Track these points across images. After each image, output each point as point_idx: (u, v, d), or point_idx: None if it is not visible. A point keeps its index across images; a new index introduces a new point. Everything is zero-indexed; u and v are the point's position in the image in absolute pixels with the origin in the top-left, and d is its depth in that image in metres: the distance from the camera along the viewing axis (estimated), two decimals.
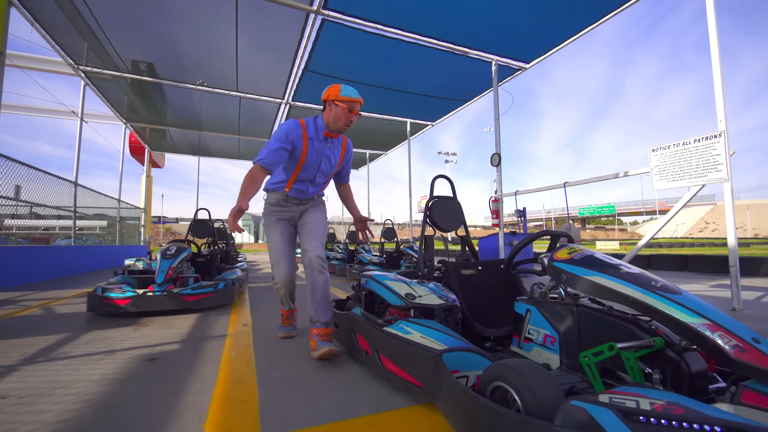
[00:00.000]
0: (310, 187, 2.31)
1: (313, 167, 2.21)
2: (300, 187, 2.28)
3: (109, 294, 3.17)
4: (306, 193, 2.31)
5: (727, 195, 3.55)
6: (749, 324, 2.77)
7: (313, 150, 2.17)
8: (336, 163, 2.32)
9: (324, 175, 2.30)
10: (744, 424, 0.84)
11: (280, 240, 2.29)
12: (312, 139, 2.16)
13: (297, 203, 2.34)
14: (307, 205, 2.38)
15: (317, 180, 2.29)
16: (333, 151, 2.28)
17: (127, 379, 1.76)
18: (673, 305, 1.16)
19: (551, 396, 1.03)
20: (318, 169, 2.24)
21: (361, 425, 1.32)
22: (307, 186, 2.29)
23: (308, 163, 2.18)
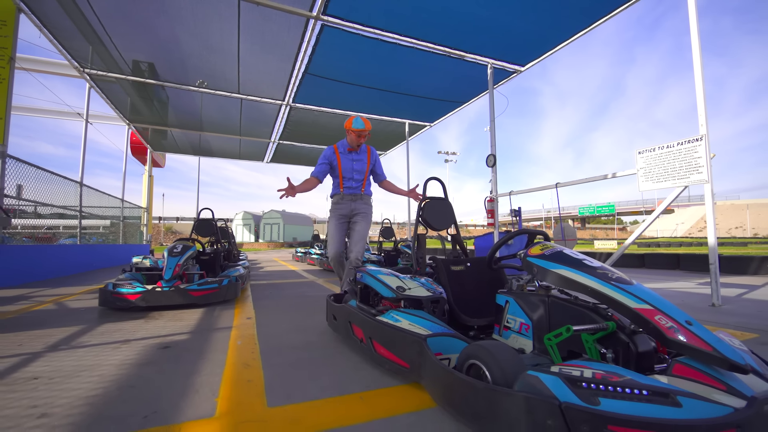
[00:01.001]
0: (353, 183, 3.29)
1: (348, 170, 3.26)
2: (348, 185, 3.28)
3: (119, 289, 3.35)
4: (353, 188, 3.30)
5: (708, 196, 3.73)
6: (725, 319, 2.97)
7: (344, 160, 3.25)
8: (364, 165, 3.31)
9: (359, 173, 3.29)
10: (666, 389, 1.02)
11: (335, 230, 3.24)
12: (342, 154, 3.26)
13: (350, 199, 3.29)
14: (357, 203, 3.31)
15: (355, 177, 3.28)
16: (359, 158, 3.30)
17: (143, 364, 1.94)
18: (623, 294, 1.34)
19: (515, 369, 1.21)
20: (353, 170, 3.27)
21: (355, 400, 1.50)
22: (351, 183, 3.28)
23: (344, 168, 3.25)
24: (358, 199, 3.31)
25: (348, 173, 3.26)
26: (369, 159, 3.33)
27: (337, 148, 3.27)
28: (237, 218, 41.35)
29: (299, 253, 11.57)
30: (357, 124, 3.13)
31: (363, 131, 3.14)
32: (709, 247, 3.76)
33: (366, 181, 3.36)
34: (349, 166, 3.25)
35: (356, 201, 3.30)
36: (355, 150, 3.26)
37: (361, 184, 3.32)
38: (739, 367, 1.08)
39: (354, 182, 3.29)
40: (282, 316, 3.22)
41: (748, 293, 4.41)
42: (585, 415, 0.98)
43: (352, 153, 3.26)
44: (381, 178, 3.49)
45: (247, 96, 7.92)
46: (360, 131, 3.13)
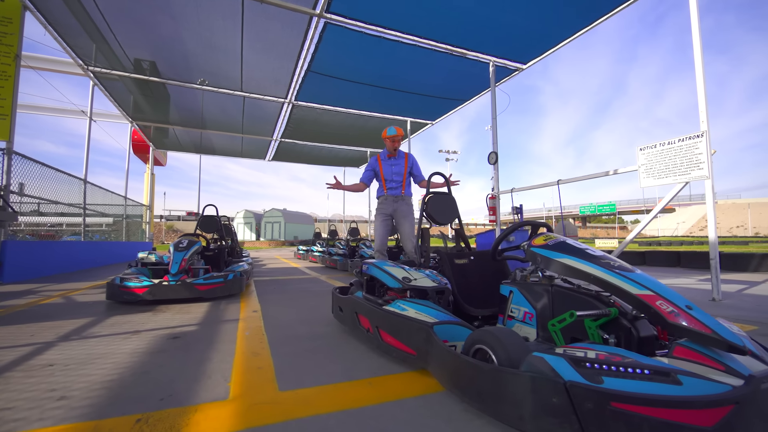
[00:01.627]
0: (393, 185, 3.74)
1: (389, 174, 3.74)
2: (390, 186, 3.74)
3: (127, 283, 3.39)
4: (394, 189, 3.74)
5: (708, 192, 3.76)
6: (725, 312, 3.01)
7: (385, 165, 3.75)
8: (403, 168, 3.76)
9: (398, 175, 3.74)
10: (667, 368, 1.06)
11: (381, 227, 3.71)
12: (384, 161, 3.77)
13: (393, 200, 3.73)
14: (399, 203, 3.72)
15: (395, 179, 3.74)
16: (398, 162, 3.77)
17: (155, 352, 1.98)
18: (626, 281, 1.37)
19: (519, 352, 1.25)
20: (392, 173, 3.74)
21: (363, 385, 1.54)
22: (392, 185, 3.74)
23: (385, 172, 3.74)
24: (399, 200, 3.74)
25: (389, 176, 3.75)
26: (406, 163, 3.81)
27: (379, 156, 3.83)
28: (238, 217, 41.40)
29: (301, 251, 11.63)
30: (390, 132, 3.70)
31: (396, 137, 3.69)
32: (710, 242, 3.80)
33: (405, 183, 3.79)
34: (389, 171, 3.75)
35: (398, 201, 3.74)
36: (393, 156, 3.77)
37: (401, 186, 3.75)
38: (737, 349, 1.12)
39: (394, 183, 3.74)
40: (287, 309, 3.26)
41: (748, 289, 4.44)
42: (589, 393, 1.02)
43: (392, 159, 3.76)
44: (419, 179, 3.88)
45: (249, 94, 7.96)
46: (393, 137, 3.69)
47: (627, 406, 0.99)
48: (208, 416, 1.26)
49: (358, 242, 8.34)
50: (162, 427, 1.19)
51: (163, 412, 1.29)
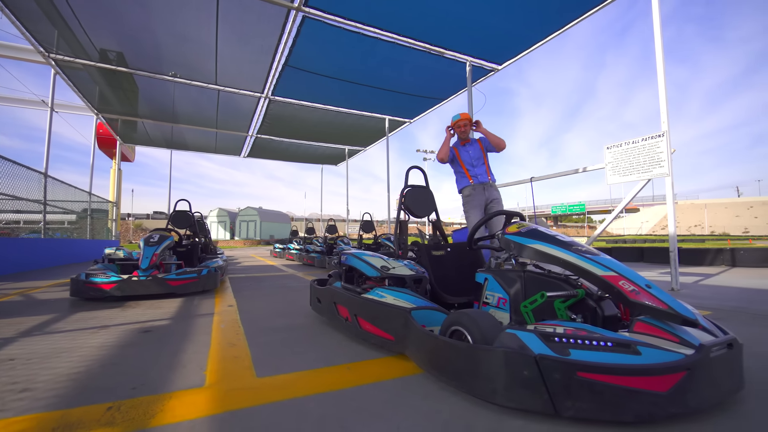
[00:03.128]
0: (477, 171, 3.55)
1: (468, 158, 3.58)
2: (473, 173, 3.55)
3: (93, 279, 3.25)
4: (478, 177, 3.53)
5: (668, 188, 3.99)
6: (684, 301, 3.19)
7: (462, 151, 3.63)
8: (478, 149, 3.60)
9: (478, 159, 3.57)
10: (627, 340, 1.14)
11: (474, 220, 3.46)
12: (459, 148, 3.66)
13: (482, 189, 3.50)
14: (490, 191, 3.51)
15: (476, 163, 3.56)
16: (473, 146, 3.62)
17: (125, 345, 1.92)
18: (592, 263, 1.45)
19: (493, 331, 1.30)
20: (471, 157, 3.58)
21: (342, 370, 1.56)
22: (475, 171, 3.55)
23: (464, 159, 3.59)
24: (489, 188, 3.54)
25: (468, 160, 3.61)
26: (481, 146, 3.66)
27: (456, 148, 3.73)
28: (212, 215, 40.27)
29: (278, 249, 11.46)
30: (455, 117, 3.69)
31: (459, 121, 3.61)
32: (669, 236, 4.03)
33: (489, 167, 3.63)
34: (467, 156, 3.62)
35: (488, 189, 3.53)
36: (468, 142, 3.67)
37: (485, 170, 3.57)
38: (690, 322, 1.21)
39: (478, 169, 3.57)
40: (264, 303, 3.22)
41: (704, 280, 4.75)
42: (557, 364, 1.08)
43: (467, 146, 3.66)
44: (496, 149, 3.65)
45: (224, 87, 7.74)
46: (457, 122, 3.64)
47: (591, 375, 1.05)
48: (184, 402, 1.24)
49: (335, 239, 8.31)
50: (135, 413, 1.17)
51: (135, 400, 1.26)
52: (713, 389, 1.12)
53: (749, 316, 2.53)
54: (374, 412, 1.17)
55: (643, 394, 1.04)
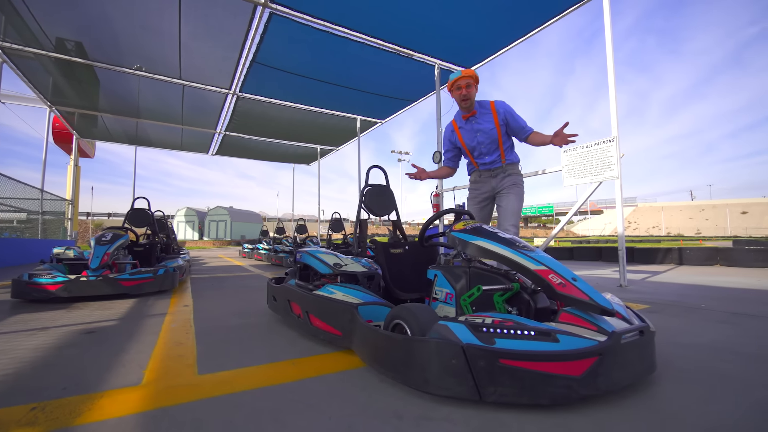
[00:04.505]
0: (487, 157, 2.69)
1: (472, 143, 2.68)
2: (481, 161, 2.73)
3: (37, 279, 3.08)
4: (488, 163, 2.70)
5: (617, 191, 4.23)
6: (627, 295, 3.41)
7: (465, 133, 2.68)
8: (492, 126, 2.60)
9: (487, 143, 2.64)
10: (548, 329, 1.22)
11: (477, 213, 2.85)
12: (462, 127, 2.70)
13: (489, 175, 2.74)
14: (498, 179, 2.70)
15: (485, 150, 2.67)
16: (483, 122, 2.63)
17: (64, 347, 1.84)
18: (526, 258, 1.54)
19: (431, 323, 1.35)
20: (478, 142, 2.65)
21: (286, 365, 1.57)
22: (483, 158, 2.71)
23: (467, 140, 2.69)
24: (499, 174, 2.68)
25: (472, 143, 2.65)
26: (495, 117, 2.58)
27: (455, 122, 2.72)
28: (179, 215, 38.83)
29: (246, 249, 11.22)
30: (453, 76, 2.55)
31: (458, 81, 2.53)
32: (618, 236, 4.28)
33: (504, 148, 2.65)
34: (471, 137, 2.63)
35: (497, 176, 2.69)
36: (472, 114, 2.60)
37: (498, 155, 2.65)
38: (607, 311, 1.31)
39: (489, 156, 2.66)
40: (222, 303, 3.16)
41: (651, 277, 5.07)
42: (481, 353, 1.14)
43: (471, 119, 2.61)
44: (526, 132, 2.60)
45: (189, 83, 7.51)
46: (455, 82, 2.54)
47: (512, 362, 1.12)
48: (115, 400, 1.22)
49: (305, 239, 8.24)
50: (61, 413, 1.13)
51: (63, 400, 1.22)
52: (624, 372, 1.21)
53: (681, 309, 2.73)
54: (309, 404, 1.19)
55: (558, 378, 1.11)
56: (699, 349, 1.77)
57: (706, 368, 1.50)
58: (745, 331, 2.09)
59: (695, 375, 1.43)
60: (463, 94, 2.53)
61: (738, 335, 2.00)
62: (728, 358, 1.62)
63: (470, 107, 2.57)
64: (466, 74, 2.52)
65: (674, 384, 1.34)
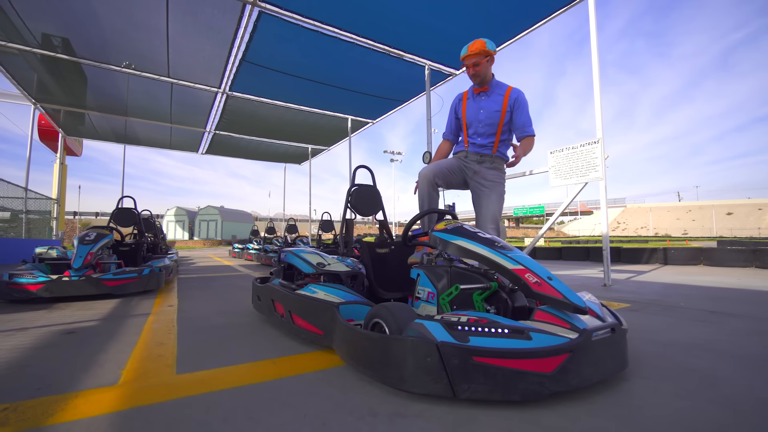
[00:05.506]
0: (480, 139, 2.53)
1: (473, 117, 2.51)
2: (473, 140, 2.54)
3: (17, 279, 3.04)
4: (479, 146, 2.53)
5: (602, 192, 4.30)
6: (610, 294, 3.47)
7: (470, 107, 2.54)
8: (498, 109, 2.45)
9: (486, 124, 2.48)
10: (522, 327, 1.24)
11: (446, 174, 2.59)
12: (469, 99, 2.56)
13: (476, 160, 2.54)
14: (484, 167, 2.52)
15: (481, 130, 2.50)
16: (491, 102, 2.48)
17: (42, 347, 1.82)
18: (504, 257, 1.56)
19: (408, 322, 1.37)
20: (477, 120, 2.49)
21: (267, 364, 1.57)
22: (476, 138, 2.54)
23: (468, 117, 2.53)
24: (486, 161, 2.49)
25: (473, 119, 2.47)
26: (505, 103, 2.41)
27: (465, 93, 2.57)
28: (169, 214, 38.38)
29: (236, 249, 11.15)
30: (462, 51, 2.40)
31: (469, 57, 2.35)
32: (602, 237, 4.35)
33: (500, 137, 2.49)
34: (474, 113, 2.45)
35: (483, 163, 2.50)
36: (484, 90, 2.43)
37: (492, 141, 2.47)
38: (580, 309, 1.33)
39: (480, 137, 2.48)
40: (207, 303, 3.15)
41: (635, 277, 5.15)
42: (455, 350, 1.15)
43: (481, 94, 2.45)
44: (524, 132, 2.43)
45: (177, 81, 7.44)
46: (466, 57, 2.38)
47: (485, 359, 1.14)
48: (90, 400, 1.21)
49: (295, 239, 8.22)
50: (33, 413, 1.12)
51: (36, 400, 1.21)
52: (595, 369, 1.24)
53: (661, 308, 2.79)
54: (286, 402, 1.19)
55: (530, 375, 1.14)
56: (674, 346, 1.81)
57: (679, 365, 1.54)
58: (720, 328, 2.15)
59: (667, 371, 1.46)
60: (472, 73, 2.42)
61: (713, 333, 2.05)
62: (701, 355, 1.66)
63: (482, 83, 2.45)
64: (472, 51, 2.32)
65: (645, 380, 1.37)
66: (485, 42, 2.33)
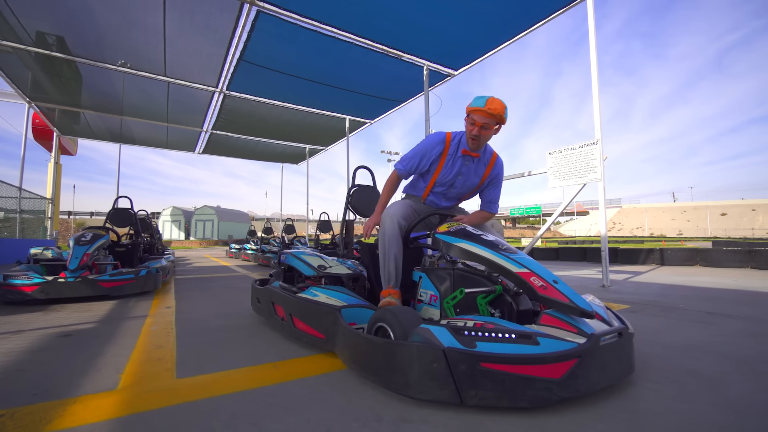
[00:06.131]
0: (443, 201, 2.24)
1: (446, 182, 2.13)
2: (434, 198, 2.24)
3: (12, 281, 2.99)
4: (438, 205, 2.25)
5: (600, 193, 4.30)
6: (609, 295, 3.47)
7: (448, 167, 2.09)
8: (477, 182, 2.15)
9: (458, 192, 2.19)
10: (529, 332, 1.23)
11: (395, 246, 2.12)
12: (451, 156, 2.07)
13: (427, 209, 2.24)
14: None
15: (450, 194, 2.20)
16: (473, 170, 2.11)
17: (38, 350, 1.79)
18: (508, 260, 1.55)
19: (413, 326, 1.35)
20: (451, 185, 2.15)
21: (268, 368, 1.55)
22: (441, 199, 2.23)
23: (441, 178, 2.12)
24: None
25: (444, 185, 2.14)
26: (486, 175, 2.13)
27: (449, 142, 2.07)
28: (165, 214, 38.13)
29: (233, 250, 11.09)
30: (473, 102, 1.92)
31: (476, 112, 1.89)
32: (601, 238, 4.36)
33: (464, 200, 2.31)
34: (448, 178, 2.11)
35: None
36: (473, 155, 2.05)
37: (453, 203, 2.28)
38: (587, 314, 1.32)
39: (445, 200, 2.22)
40: (205, 305, 3.11)
41: (633, 277, 5.17)
42: (462, 356, 1.14)
43: (467, 158, 2.07)
44: (491, 208, 2.24)
45: (174, 80, 7.38)
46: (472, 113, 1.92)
47: (492, 365, 1.12)
48: (89, 406, 1.18)
49: (293, 239, 8.18)
50: (30, 420, 1.09)
51: (34, 406, 1.18)
52: (603, 374, 1.23)
53: (660, 309, 2.79)
54: (288, 408, 1.18)
55: (538, 381, 1.12)
56: (674, 348, 1.81)
57: (680, 367, 1.53)
58: (719, 330, 2.15)
59: (669, 374, 1.46)
60: (474, 134, 1.93)
61: (712, 335, 2.05)
62: (702, 357, 1.66)
63: (476, 149, 2.02)
64: (491, 110, 1.86)
65: (648, 383, 1.37)
66: (506, 107, 1.93)
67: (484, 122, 1.89)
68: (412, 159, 2.12)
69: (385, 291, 1.96)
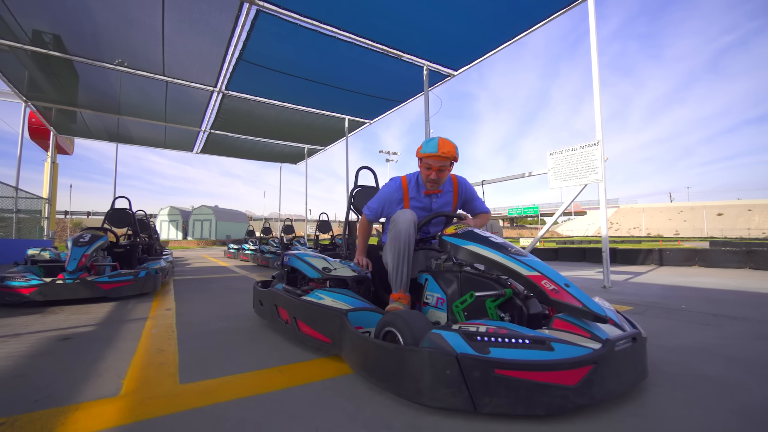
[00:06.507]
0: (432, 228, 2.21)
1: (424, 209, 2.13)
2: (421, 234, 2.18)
3: (9, 282, 2.94)
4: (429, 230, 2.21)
5: (601, 194, 4.30)
6: (611, 297, 3.46)
7: (415, 203, 2.11)
8: (450, 208, 2.17)
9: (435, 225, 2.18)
10: (543, 337, 1.20)
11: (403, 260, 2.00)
12: (413, 199, 2.10)
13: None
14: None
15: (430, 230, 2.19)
16: (442, 201, 2.14)
17: (37, 355, 1.75)
18: (519, 264, 1.52)
19: (423, 332, 1.33)
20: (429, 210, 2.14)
21: (273, 373, 1.52)
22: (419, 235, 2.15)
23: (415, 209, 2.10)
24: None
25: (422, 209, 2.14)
26: (456, 198, 2.18)
27: (407, 187, 2.10)
28: (162, 214, 37.94)
29: (232, 250, 11.04)
30: (425, 147, 1.96)
31: (431, 157, 1.93)
32: (602, 238, 4.35)
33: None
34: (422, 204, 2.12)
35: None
36: (435, 192, 2.08)
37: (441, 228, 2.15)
38: (600, 318, 1.30)
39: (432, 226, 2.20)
40: (206, 306, 3.08)
41: (633, 278, 5.17)
42: (476, 363, 1.11)
43: (432, 195, 2.10)
44: (484, 209, 2.28)
45: (172, 79, 7.32)
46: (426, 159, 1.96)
47: (507, 372, 1.10)
48: (91, 414, 1.15)
49: (291, 240, 8.14)
50: (31, 428, 1.06)
51: (35, 414, 1.15)
52: (618, 380, 1.21)
53: (663, 310, 2.78)
54: (295, 414, 1.15)
55: (554, 388, 1.10)
56: (682, 351, 1.79)
57: (689, 371, 1.52)
58: (724, 332, 2.14)
59: (679, 378, 1.44)
60: (432, 178, 1.99)
61: (718, 337, 2.04)
62: (711, 360, 1.65)
63: (436, 188, 2.07)
64: (444, 154, 1.90)
65: (660, 388, 1.35)
66: (456, 146, 1.98)
67: (440, 166, 1.96)
68: (377, 207, 2.20)
69: (395, 294, 1.93)
